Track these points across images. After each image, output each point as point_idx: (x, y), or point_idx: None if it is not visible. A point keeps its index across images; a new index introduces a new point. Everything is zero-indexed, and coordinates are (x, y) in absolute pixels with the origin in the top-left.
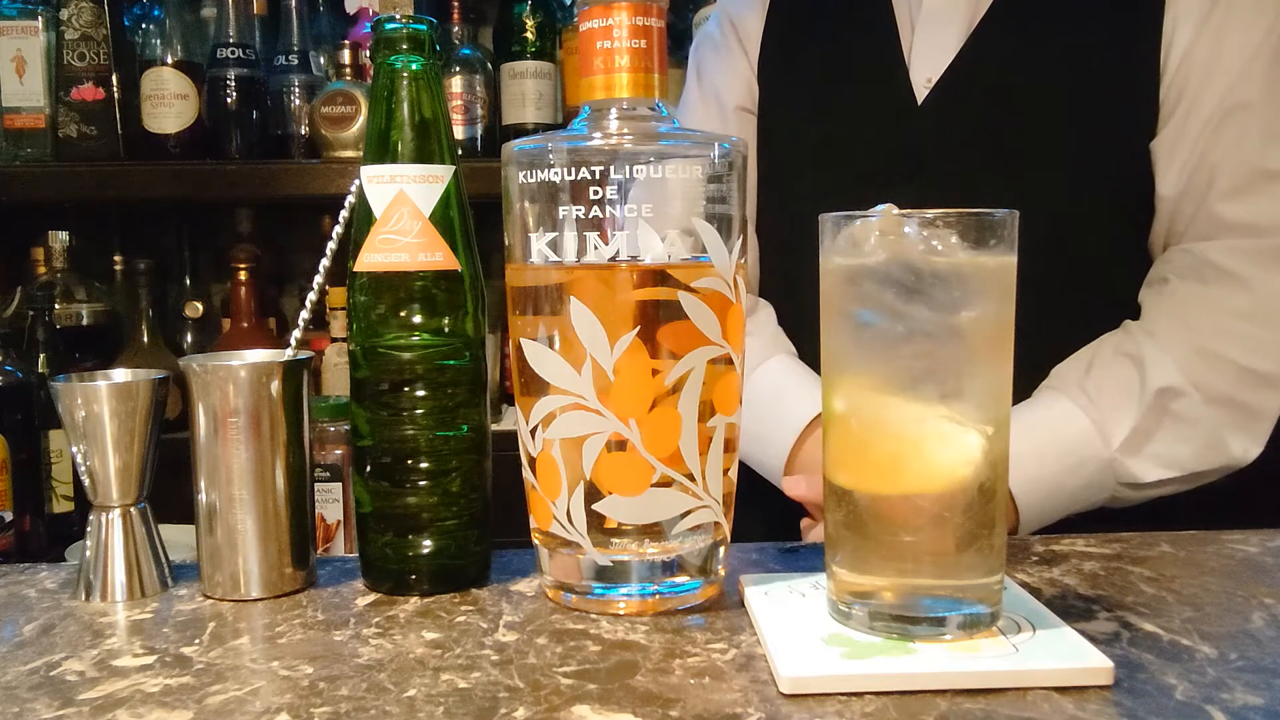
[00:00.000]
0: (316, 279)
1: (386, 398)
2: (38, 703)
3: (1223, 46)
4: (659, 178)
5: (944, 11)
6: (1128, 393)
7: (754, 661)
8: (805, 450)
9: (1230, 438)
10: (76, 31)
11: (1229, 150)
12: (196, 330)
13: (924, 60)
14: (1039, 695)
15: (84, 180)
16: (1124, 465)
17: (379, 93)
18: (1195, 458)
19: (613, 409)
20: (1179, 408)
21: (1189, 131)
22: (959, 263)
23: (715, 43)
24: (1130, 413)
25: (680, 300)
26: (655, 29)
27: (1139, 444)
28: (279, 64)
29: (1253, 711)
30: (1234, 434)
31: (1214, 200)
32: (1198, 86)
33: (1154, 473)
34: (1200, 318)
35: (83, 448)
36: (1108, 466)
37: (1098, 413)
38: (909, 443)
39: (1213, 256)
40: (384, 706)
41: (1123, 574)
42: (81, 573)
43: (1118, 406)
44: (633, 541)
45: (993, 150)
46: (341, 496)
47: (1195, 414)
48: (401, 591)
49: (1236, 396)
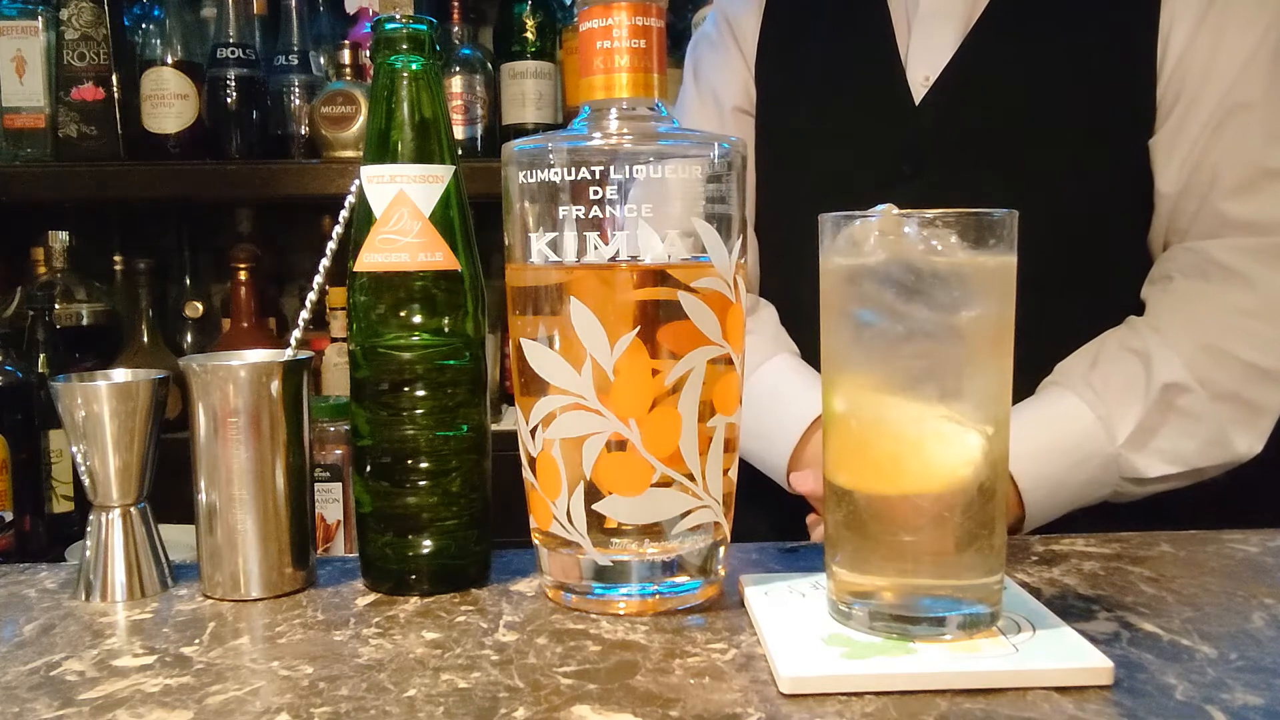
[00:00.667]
0: (316, 279)
1: (386, 398)
2: (38, 703)
3: (1221, 45)
4: (659, 178)
5: (941, 11)
6: (1133, 388)
7: (754, 661)
8: (810, 448)
9: (1234, 433)
10: (76, 31)
11: (1231, 149)
12: (196, 330)
13: (921, 60)
14: (1039, 695)
15: (84, 180)
16: (1128, 460)
17: (379, 93)
18: (1199, 453)
19: (613, 409)
20: (1184, 403)
21: (1189, 130)
22: (959, 263)
23: (712, 43)
24: (1135, 408)
25: (680, 300)
26: (655, 29)
27: (1144, 439)
28: (279, 64)
29: (1253, 711)
30: (1238, 430)
31: (1217, 199)
32: (1196, 85)
33: (1158, 468)
34: (1205, 314)
35: (83, 448)
36: (1112, 461)
37: (1103, 408)
38: (909, 443)
39: (1216, 255)
40: (384, 706)
41: (1123, 574)
42: (81, 573)
43: (1123, 401)
44: (633, 541)
45: (990, 149)
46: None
47: (1200, 409)
48: (401, 591)
49: (1241, 393)
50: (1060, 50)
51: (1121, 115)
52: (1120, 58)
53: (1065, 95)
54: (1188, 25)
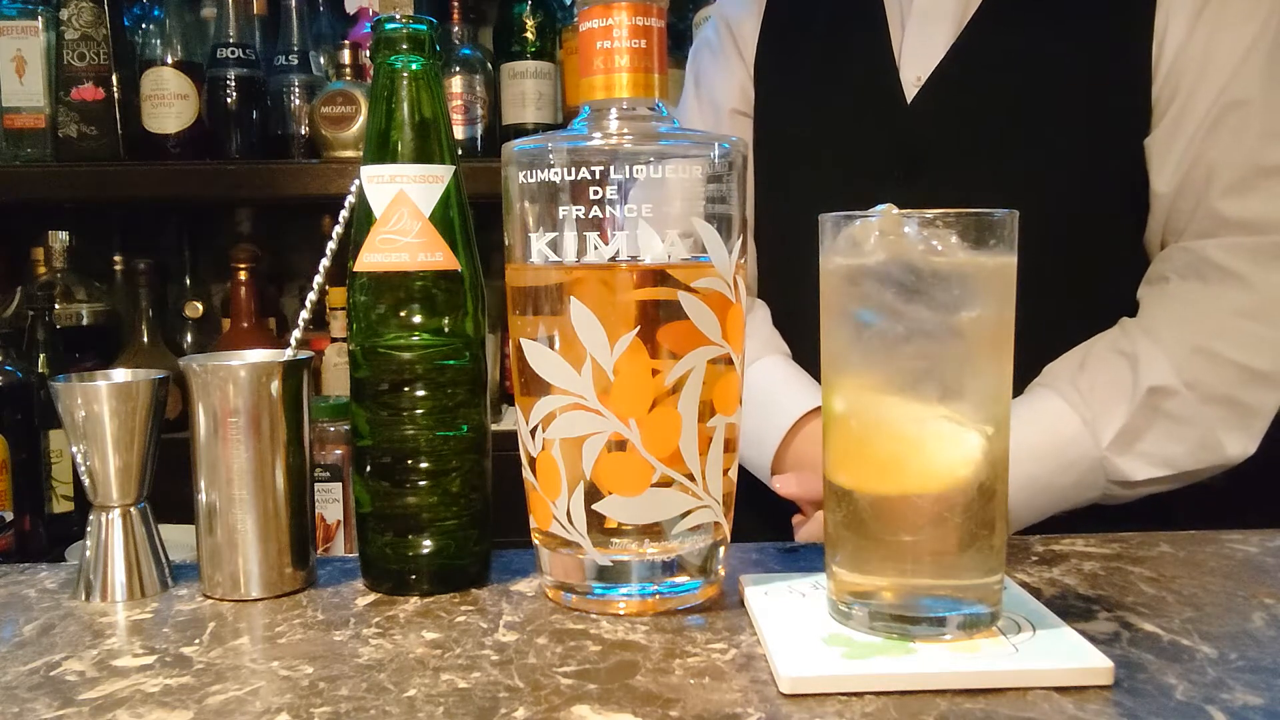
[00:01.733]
0: (316, 279)
1: (386, 398)
2: (38, 703)
3: (1217, 43)
4: (659, 178)
5: (934, 10)
6: (1119, 391)
7: (754, 661)
8: (793, 448)
9: (1225, 436)
10: (76, 31)
11: (1227, 147)
12: (196, 330)
13: (913, 59)
14: (1039, 695)
15: (84, 180)
16: (1114, 464)
17: (379, 93)
18: (1187, 456)
19: (613, 409)
20: (1171, 406)
21: (1184, 128)
22: (959, 263)
23: (712, 47)
24: (1120, 411)
25: (680, 300)
26: (655, 29)
27: (1129, 442)
28: (279, 64)
29: (1253, 711)
30: (1230, 432)
31: (1213, 197)
32: (1192, 83)
33: (1145, 471)
34: (1199, 316)
35: (83, 448)
36: (1098, 465)
37: (1088, 410)
38: (909, 443)
39: (1212, 255)
40: (384, 706)
41: (1123, 574)
42: (81, 573)
43: (1108, 405)
44: (633, 541)
45: (983, 148)
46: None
47: (1188, 413)
48: (401, 591)
49: (1234, 395)
50: (1053, 49)
51: (1115, 114)
52: (1114, 56)
53: (1058, 94)
54: (1183, 22)
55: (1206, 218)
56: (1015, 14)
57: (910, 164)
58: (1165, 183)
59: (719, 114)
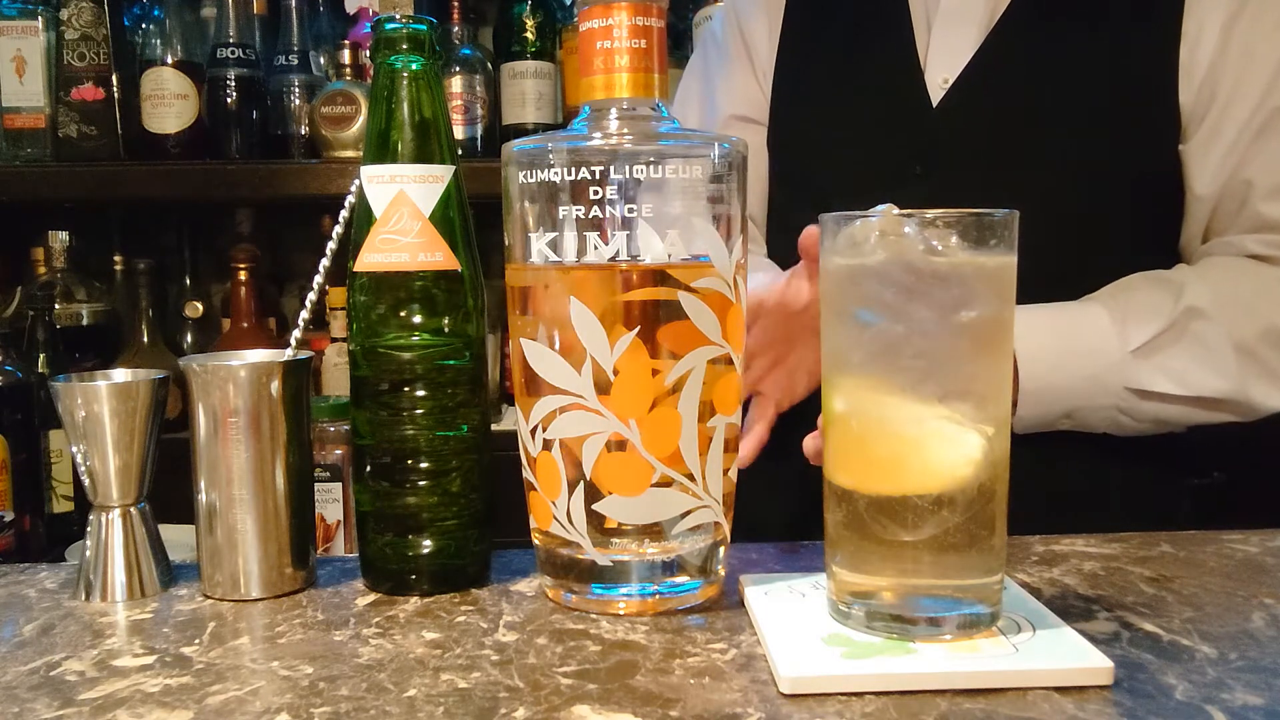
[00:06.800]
0: (316, 279)
1: (386, 398)
2: (38, 703)
3: (1255, 49)
4: (659, 178)
5: (961, 12)
6: (1158, 308)
7: (754, 661)
8: None
9: (1252, 384)
10: (76, 31)
11: (1274, 153)
12: (196, 330)
13: (940, 61)
14: (1039, 695)
15: (84, 180)
16: (1134, 369)
17: (379, 93)
18: (1204, 383)
19: (613, 409)
20: (1201, 328)
21: (1224, 134)
22: (959, 263)
23: (720, 46)
24: (1155, 322)
25: (680, 300)
26: (655, 29)
27: (1153, 351)
28: (279, 64)
29: (1253, 711)
30: (1257, 382)
31: (1256, 200)
32: (1230, 90)
33: (1162, 384)
34: (1242, 278)
35: (83, 448)
36: (1118, 367)
37: (1121, 314)
38: (909, 443)
39: (1253, 247)
40: (384, 706)
41: (1123, 574)
42: (81, 573)
43: (1144, 314)
44: (633, 541)
45: (1008, 152)
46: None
47: (1216, 341)
48: (401, 591)
49: (1259, 351)
50: (1081, 53)
51: (1141, 118)
52: (1142, 61)
53: (1084, 97)
54: (1216, 29)
55: (1250, 219)
56: (1042, 16)
57: (934, 166)
58: (1205, 186)
59: (717, 116)
